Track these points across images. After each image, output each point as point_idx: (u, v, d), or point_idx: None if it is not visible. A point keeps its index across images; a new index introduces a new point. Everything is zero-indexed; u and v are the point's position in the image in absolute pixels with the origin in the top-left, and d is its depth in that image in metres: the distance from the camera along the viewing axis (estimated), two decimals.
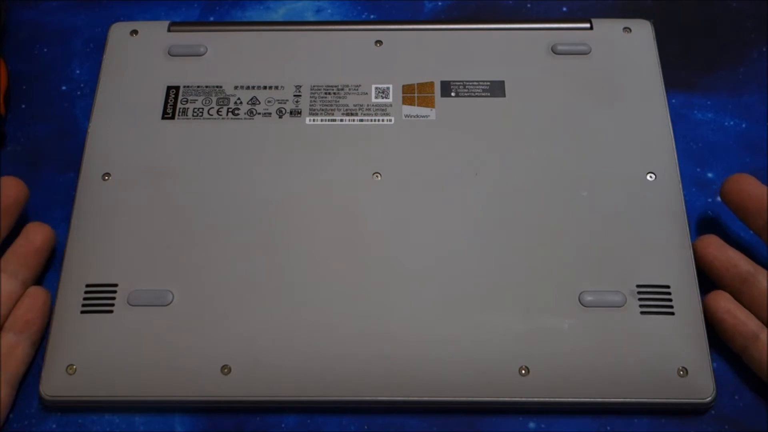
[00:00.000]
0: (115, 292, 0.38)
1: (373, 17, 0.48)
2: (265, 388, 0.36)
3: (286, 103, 0.43)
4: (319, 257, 0.38)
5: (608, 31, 0.45)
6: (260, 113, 0.42)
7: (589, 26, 0.45)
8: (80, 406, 0.37)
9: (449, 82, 0.43)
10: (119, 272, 0.38)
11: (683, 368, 0.36)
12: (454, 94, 0.43)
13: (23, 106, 0.45)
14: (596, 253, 0.38)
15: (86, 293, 0.38)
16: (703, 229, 0.41)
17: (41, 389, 0.36)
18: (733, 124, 0.45)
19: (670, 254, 0.38)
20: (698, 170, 0.43)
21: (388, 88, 0.43)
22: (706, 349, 0.37)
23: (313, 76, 0.44)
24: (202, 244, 0.39)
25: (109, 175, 0.41)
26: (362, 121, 0.42)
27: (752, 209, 0.38)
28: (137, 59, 0.44)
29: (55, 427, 0.37)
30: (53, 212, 0.42)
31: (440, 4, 0.49)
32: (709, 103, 0.45)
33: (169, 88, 0.43)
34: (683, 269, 0.38)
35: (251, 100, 0.43)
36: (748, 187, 0.39)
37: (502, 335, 0.37)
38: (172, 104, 0.43)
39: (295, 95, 0.43)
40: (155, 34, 0.45)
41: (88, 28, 0.48)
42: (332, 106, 0.43)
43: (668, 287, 0.38)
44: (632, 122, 0.42)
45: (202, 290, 0.38)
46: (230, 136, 0.42)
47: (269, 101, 0.43)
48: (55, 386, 0.36)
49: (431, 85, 0.43)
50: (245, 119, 0.42)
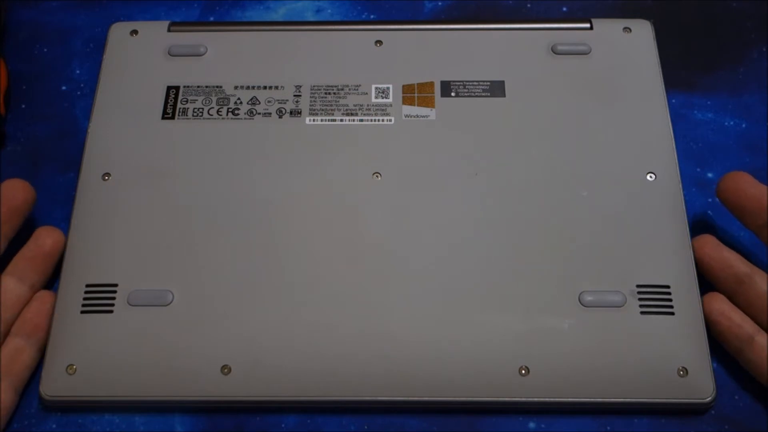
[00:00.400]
0: (115, 292, 0.38)
1: (373, 17, 0.48)
2: (265, 388, 0.36)
3: (286, 103, 0.43)
4: (319, 257, 0.38)
5: (608, 31, 0.45)
6: (260, 113, 0.42)
7: (589, 26, 0.45)
8: (80, 406, 0.37)
9: (449, 82, 0.43)
10: (119, 272, 0.38)
11: (683, 368, 0.36)
12: (454, 94, 0.43)
13: (23, 106, 0.45)
14: (596, 253, 0.38)
15: (86, 293, 0.38)
16: (703, 229, 0.41)
17: (41, 389, 0.36)
18: (733, 124, 0.45)
19: (670, 254, 0.38)
20: (698, 170, 0.43)
21: (388, 88, 0.43)
22: (706, 349, 0.37)
23: (313, 76, 0.44)
24: (202, 244, 0.39)
25: (109, 175, 0.41)
26: (362, 121, 0.42)
27: (749, 208, 0.38)
28: (137, 59, 0.44)
29: (55, 427, 0.37)
30: (53, 212, 0.42)
31: (440, 4, 0.49)
32: (709, 103, 0.45)
33: (169, 88, 0.43)
34: (683, 269, 0.38)
35: (251, 100, 0.43)
36: (745, 185, 0.38)
37: (502, 335, 0.37)
38: (172, 104, 0.43)
39: (295, 95, 0.43)
40: (155, 34, 0.45)
41: (88, 28, 0.48)
42: (332, 106, 0.43)
43: (668, 287, 0.38)
44: (632, 122, 0.42)
45: (202, 290, 0.38)
46: (230, 136, 0.42)
47: (269, 101, 0.43)
48: (55, 386, 0.36)
49: (431, 85, 0.43)
50: (245, 119, 0.42)
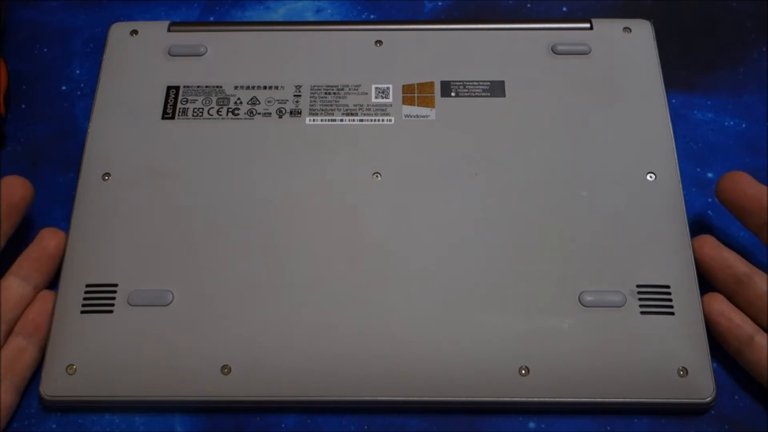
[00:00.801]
0: (115, 292, 0.38)
1: (373, 17, 0.48)
2: (265, 388, 0.36)
3: (286, 103, 0.43)
4: (319, 257, 0.38)
5: (608, 31, 0.45)
6: (260, 113, 0.42)
7: (589, 26, 0.45)
8: (80, 406, 0.37)
9: (449, 82, 0.43)
10: (119, 272, 0.38)
11: (683, 368, 0.36)
12: (454, 94, 0.43)
13: (23, 106, 0.45)
14: (596, 253, 0.38)
15: (86, 293, 0.38)
16: (702, 229, 0.41)
17: (41, 389, 0.36)
18: (733, 124, 0.45)
19: (670, 254, 0.38)
20: (698, 170, 0.43)
21: (388, 88, 0.43)
22: (706, 349, 0.37)
23: (313, 76, 0.44)
24: (202, 244, 0.39)
25: (109, 175, 0.41)
26: (362, 121, 0.42)
27: (749, 208, 0.38)
28: (137, 59, 0.44)
29: (55, 427, 0.37)
30: (53, 212, 0.42)
31: (440, 4, 0.49)
32: (709, 103, 0.45)
33: (169, 88, 0.43)
34: (683, 269, 0.38)
35: (251, 100, 0.43)
36: (744, 185, 0.38)
37: (502, 335, 0.37)
38: (172, 104, 0.43)
39: (295, 95, 0.43)
40: (155, 34, 0.45)
41: (88, 28, 0.48)
42: (332, 106, 0.43)
43: (668, 287, 0.38)
44: (632, 122, 0.42)
45: (202, 290, 0.38)
46: (230, 136, 0.42)
47: (269, 101, 0.43)
48: (55, 386, 0.36)
49: (431, 85, 0.43)
50: (245, 119, 0.42)
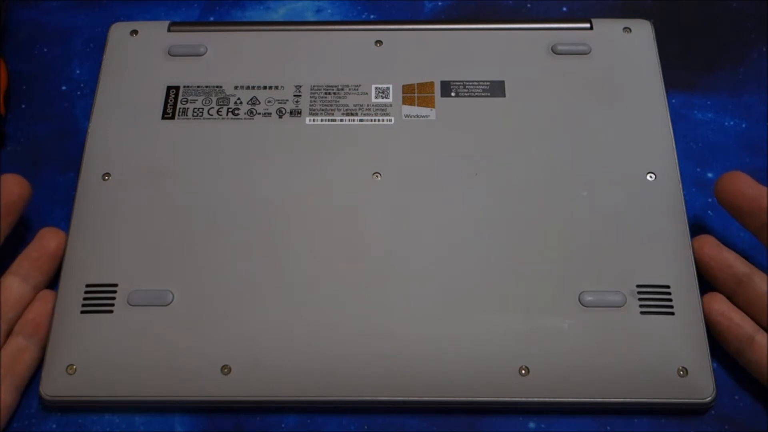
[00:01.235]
0: (115, 292, 0.38)
1: (373, 17, 0.48)
2: (265, 388, 0.36)
3: (286, 103, 0.43)
4: (319, 257, 0.38)
5: (608, 31, 0.45)
6: (260, 113, 0.42)
7: (589, 26, 0.45)
8: (80, 406, 0.37)
9: (449, 82, 0.43)
10: (119, 272, 0.38)
11: (683, 368, 0.36)
12: (454, 94, 0.43)
13: (23, 106, 0.45)
14: (596, 253, 0.38)
15: (86, 293, 0.38)
16: (702, 229, 0.41)
17: (41, 389, 0.36)
18: (733, 124, 0.45)
19: (670, 254, 0.38)
20: (698, 170, 0.43)
21: (388, 88, 0.43)
22: (706, 349, 0.37)
23: (313, 76, 0.44)
24: (202, 244, 0.39)
25: (109, 175, 0.41)
26: (362, 121, 0.42)
27: (748, 209, 0.38)
28: (137, 59, 0.44)
29: (55, 427, 0.37)
30: (53, 212, 0.42)
31: (440, 4, 0.49)
32: (709, 103, 0.45)
33: (169, 88, 0.43)
34: (683, 269, 0.38)
35: (251, 100, 0.43)
36: (742, 186, 0.38)
37: (502, 335, 0.37)
38: (172, 104, 0.43)
39: (295, 95, 0.43)
40: (155, 34, 0.45)
41: (88, 28, 0.48)
42: (332, 106, 0.43)
43: (668, 287, 0.38)
44: (632, 122, 0.42)
45: (202, 290, 0.38)
46: (230, 136, 0.42)
47: (269, 101, 0.43)
48: (55, 386, 0.36)
49: (431, 85, 0.43)
50: (245, 119, 0.42)
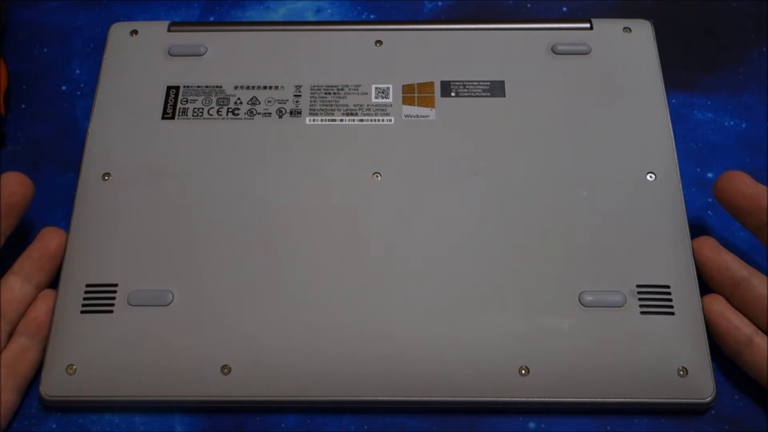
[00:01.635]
0: (115, 292, 0.38)
1: (373, 17, 0.48)
2: (265, 388, 0.36)
3: (286, 103, 0.43)
4: (319, 257, 0.38)
5: (608, 31, 0.45)
6: (260, 113, 0.42)
7: (589, 26, 0.45)
8: (80, 406, 0.37)
9: (449, 82, 0.43)
10: (119, 272, 0.38)
11: (683, 368, 0.36)
12: (454, 94, 0.43)
13: (23, 106, 0.45)
14: (596, 253, 0.38)
15: (86, 293, 0.38)
16: (702, 229, 0.41)
17: (41, 389, 0.36)
18: (733, 124, 0.45)
19: (670, 254, 0.38)
20: (698, 170, 0.43)
21: (388, 88, 0.43)
22: (706, 349, 0.37)
23: (313, 76, 0.44)
24: (202, 244, 0.39)
25: (109, 175, 0.41)
26: (362, 121, 0.42)
27: (747, 209, 0.37)
28: (137, 59, 0.44)
29: (55, 427, 0.37)
30: (53, 212, 0.42)
31: (440, 4, 0.49)
32: (709, 103, 0.45)
33: (169, 88, 0.43)
34: (683, 269, 0.38)
35: (251, 100, 0.43)
36: (742, 186, 0.38)
37: (502, 335, 0.37)
38: (172, 104, 0.43)
39: (295, 95, 0.43)
40: (155, 34, 0.45)
41: (88, 28, 0.48)
42: (332, 106, 0.43)
43: (668, 287, 0.38)
44: (632, 122, 0.42)
45: (202, 290, 0.38)
46: (230, 136, 0.42)
47: (269, 101, 0.43)
48: (55, 386, 0.36)
49: (431, 85, 0.43)
50: (245, 119, 0.42)
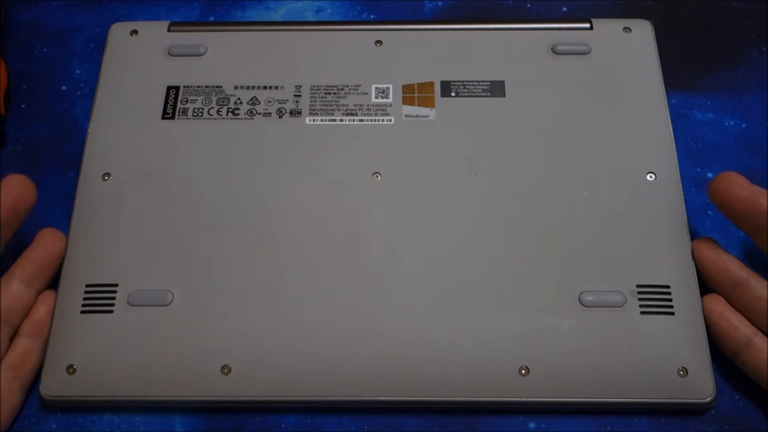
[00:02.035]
0: (115, 292, 0.38)
1: (373, 17, 0.48)
2: (265, 388, 0.36)
3: (286, 103, 0.43)
4: (319, 257, 0.38)
5: (608, 31, 0.45)
6: (260, 113, 0.42)
7: (589, 26, 0.45)
8: (80, 406, 0.37)
9: (449, 82, 0.43)
10: (119, 272, 0.38)
11: (683, 368, 0.36)
12: (454, 94, 0.43)
13: (23, 106, 0.45)
14: (596, 253, 0.38)
15: (86, 293, 0.38)
16: (702, 229, 0.41)
17: (41, 389, 0.36)
18: (733, 124, 0.45)
19: (670, 254, 0.38)
20: (698, 170, 0.43)
21: (388, 88, 0.43)
22: (706, 349, 0.37)
23: (313, 76, 0.44)
24: (202, 244, 0.39)
25: (109, 175, 0.41)
26: (362, 121, 0.42)
27: (741, 211, 0.37)
28: (137, 59, 0.44)
29: (55, 427, 0.37)
30: (53, 212, 0.42)
31: (440, 4, 0.49)
32: (709, 103, 0.45)
33: (169, 88, 0.43)
34: (683, 269, 0.38)
35: (251, 100, 0.43)
36: (736, 188, 0.37)
37: (502, 335, 0.37)
38: (172, 104, 0.43)
39: (295, 95, 0.43)
40: (155, 34, 0.45)
41: (88, 28, 0.48)
42: (332, 106, 0.43)
43: (668, 287, 0.38)
44: (632, 122, 0.42)
45: (202, 290, 0.38)
46: (230, 136, 0.42)
47: (269, 101, 0.43)
48: (55, 386, 0.36)
49: (431, 85, 0.43)
50: (245, 119, 0.42)
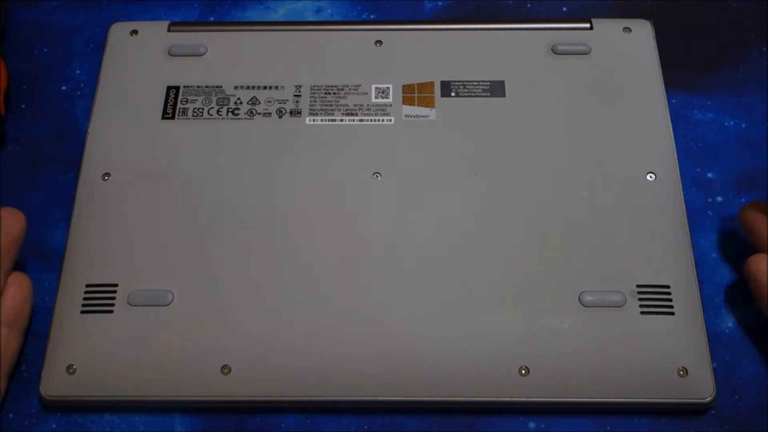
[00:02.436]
0: (115, 292, 0.38)
1: (373, 17, 0.48)
2: (265, 388, 0.36)
3: (286, 103, 0.43)
4: (319, 257, 0.38)
5: (608, 31, 0.45)
6: (260, 113, 0.42)
7: (589, 26, 0.45)
8: (80, 406, 0.37)
9: (449, 82, 0.43)
10: (119, 272, 0.38)
11: (683, 368, 0.36)
12: (454, 94, 0.43)
13: (23, 106, 0.45)
14: (596, 253, 0.38)
15: (86, 293, 0.38)
16: (702, 229, 0.41)
17: (41, 389, 0.36)
18: (733, 124, 0.45)
19: (670, 254, 0.38)
20: (698, 170, 0.43)
21: (388, 88, 0.43)
22: (706, 349, 0.37)
23: (313, 76, 0.44)
24: (202, 244, 0.39)
25: (109, 175, 0.41)
26: (362, 121, 0.42)
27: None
28: (137, 59, 0.44)
29: (55, 427, 0.37)
30: (53, 212, 0.42)
31: (440, 4, 0.49)
32: (709, 103, 0.45)
33: (169, 88, 0.43)
34: (683, 269, 0.38)
35: (251, 100, 0.43)
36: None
37: (502, 335, 0.37)
38: (172, 104, 0.43)
39: (295, 95, 0.43)
40: (155, 34, 0.45)
41: (88, 28, 0.48)
42: (332, 106, 0.43)
43: (668, 287, 0.38)
44: (632, 122, 0.42)
45: (202, 290, 0.38)
46: (230, 136, 0.42)
47: (269, 101, 0.43)
48: (55, 386, 0.36)
49: (431, 85, 0.43)
50: (245, 119, 0.42)
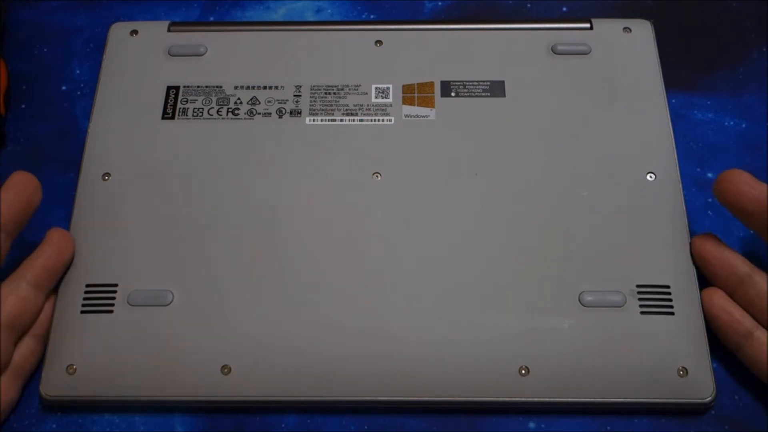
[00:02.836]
0: (115, 292, 0.38)
1: (373, 17, 0.48)
2: (265, 388, 0.36)
3: (286, 103, 0.43)
4: (319, 257, 0.38)
5: (608, 31, 0.45)
6: (260, 113, 0.42)
7: (589, 26, 0.45)
8: (80, 406, 0.37)
9: (449, 82, 0.43)
10: (119, 272, 0.38)
11: (683, 368, 0.36)
12: (454, 94, 0.43)
13: (23, 106, 0.45)
14: (596, 253, 0.38)
15: (86, 293, 0.38)
16: (703, 229, 0.41)
17: (41, 389, 0.36)
18: (733, 124, 0.45)
19: (670, 254, 0.38)
20: (698, 170, 0.43)
21: (388, 88, 0.43)
22: (706, 349, 0.37)
23: (313, 76, 0.44)
24: (202, 244, 0.39)
25: (109, 175, 0.41)
26: (362, 121, 0.42)
27: (750, 210, 0.37)
28: (137, 59, 0.44)
29: (55, 427, 0.37)
30: (53, 212, 0.42)
31: (440, 4, 0.49)
32: (709, 103, 0.45)
33: (169, 88, 0.43)
34: (683, 269, 0.38)
35: (251, 100, 0.43)
36: (744, 187, 0.37)
37: (502, 335, 0.37)
38: (172, 104, 0.43)
39: (295, 95, 0.43)
40: (155, 34, 0.45)
41: (88, 28, 0.48)
42: (332, 106, 0.43)
43: (668, 287, 0.38)
44: (632, 122, 0.42)
45: (202, 290, 0.38)
46: (230, 136, 0.42)
47: (269, 101, 0.43)
48: (55, 386, 0.36)
49: (431, 85, 0.43)
50: (245, 119, 0.42)
